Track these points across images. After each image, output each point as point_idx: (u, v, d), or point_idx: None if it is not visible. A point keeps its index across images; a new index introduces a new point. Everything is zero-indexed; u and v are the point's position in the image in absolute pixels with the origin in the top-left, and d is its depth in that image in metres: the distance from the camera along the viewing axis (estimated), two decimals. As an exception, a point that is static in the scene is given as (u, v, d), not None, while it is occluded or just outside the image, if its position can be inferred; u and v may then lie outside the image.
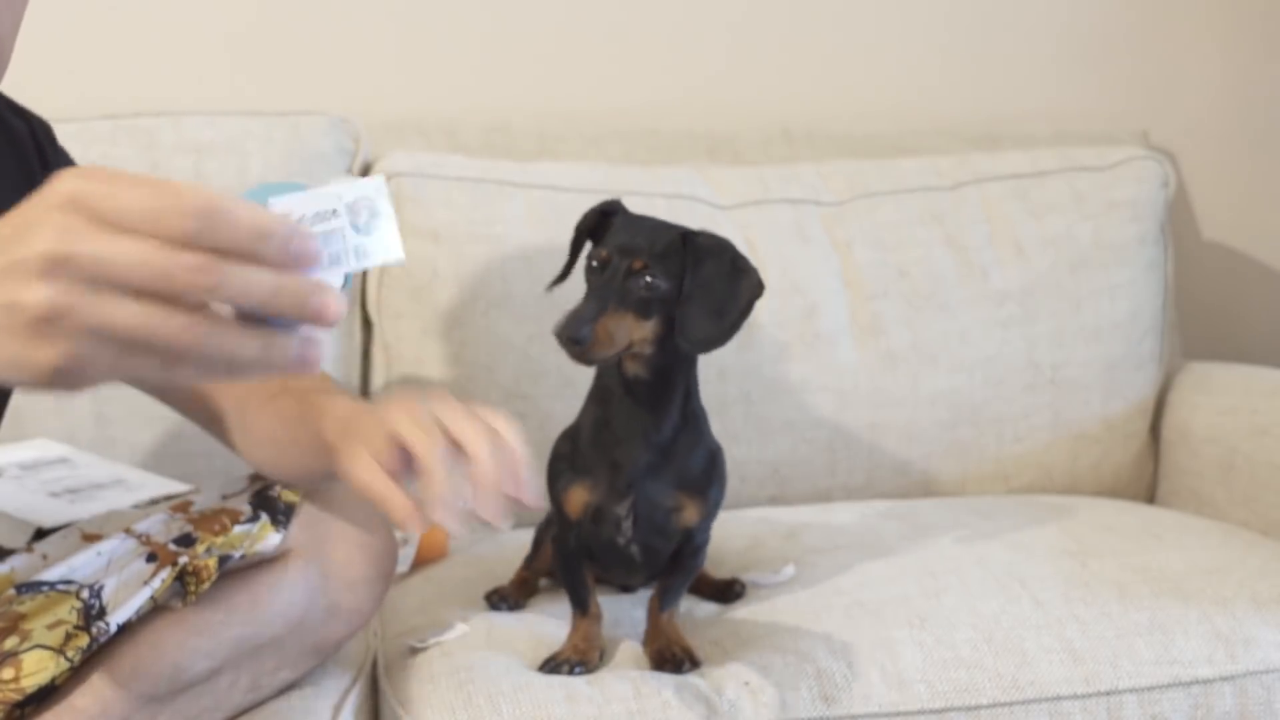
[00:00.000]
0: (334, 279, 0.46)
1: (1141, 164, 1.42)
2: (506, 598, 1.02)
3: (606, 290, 0.85)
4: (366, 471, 0.65)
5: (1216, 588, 0.99)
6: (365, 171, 1.34)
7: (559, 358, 1.27)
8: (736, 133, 1.50)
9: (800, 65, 1.58)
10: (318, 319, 0.42)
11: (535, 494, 0.64)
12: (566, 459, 0.93)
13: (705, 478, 0.92)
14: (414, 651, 0.94)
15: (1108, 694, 0.90)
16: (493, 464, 0.62)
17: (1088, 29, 1.63)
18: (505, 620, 0.99)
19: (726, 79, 1.56)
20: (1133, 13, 1.64)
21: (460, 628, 0.96)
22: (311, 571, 0.84)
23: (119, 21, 1.43)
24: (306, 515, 0.85)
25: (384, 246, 0.48)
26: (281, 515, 0.84)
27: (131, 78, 1.43)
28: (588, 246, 0.91)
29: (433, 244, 1.28)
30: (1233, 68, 1.67)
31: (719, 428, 0.97)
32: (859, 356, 1.33)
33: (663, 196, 1.33)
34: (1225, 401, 1.33)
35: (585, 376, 1.24)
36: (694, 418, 0.92)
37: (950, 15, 1.60)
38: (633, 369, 0.88)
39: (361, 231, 0.46)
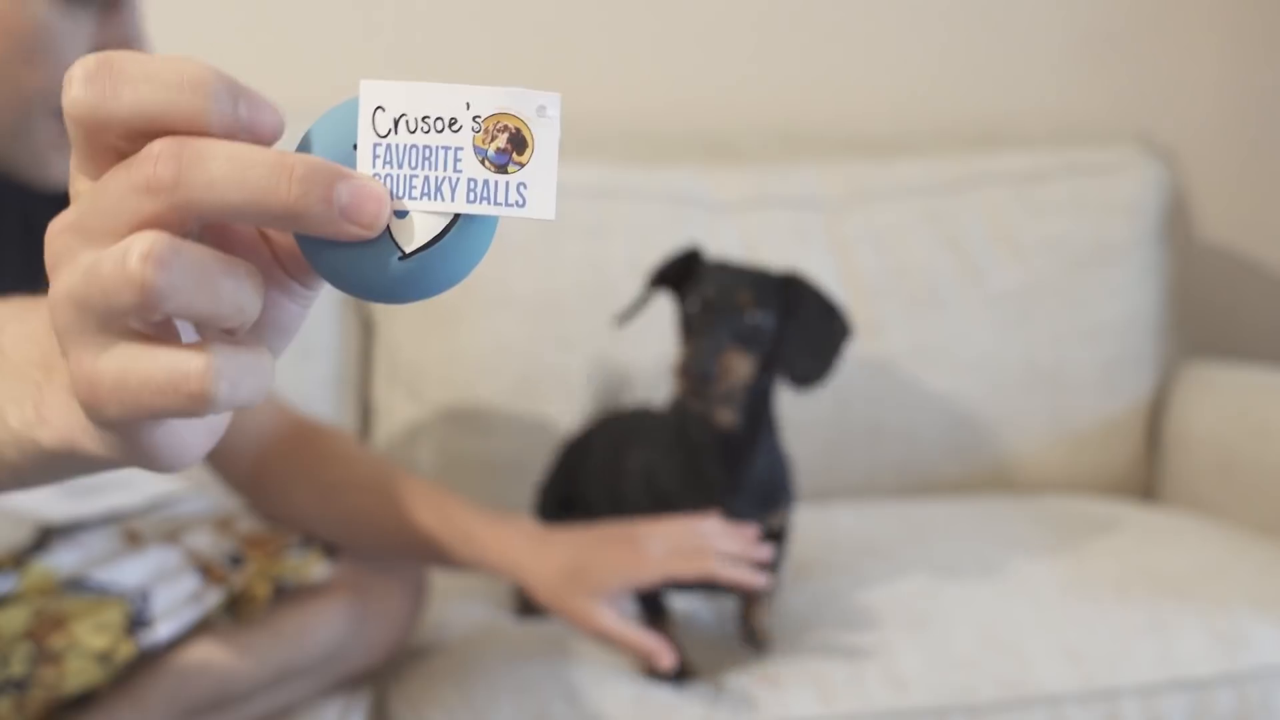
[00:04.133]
0: (427, 218, 0.31)
1: (1141, 164, 1.42)
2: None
3: (718, 328, 0.84)
4: (616, 624, 0.81)
5: (1216, 588, 0.99)
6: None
7: (559, 358, 1.28)
8: (736, 133, 1.50)
9: (800, 65, 1.58)
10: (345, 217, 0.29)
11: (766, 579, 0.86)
12: (647, 508, 0.91)
13: (787, 488, 0.94)
14: None
15: (1107, 694, 0.90)
16: (746, 576, 0.84)
17: (1087, 29, 1.63)
18: (508, 620, 0.99)
19: (726, 79, 1.56)
20: (1132, 13, 1.63)
21: None
22: (354, 604, 0.86)
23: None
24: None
25: (522, 191, 0.31)
26: (331, 546, 0.87)
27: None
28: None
29: (433, 244, 1.27)
30: (1233, 68, 1.67)
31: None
32: (858, 357, 1.33)
33: (663, 196, 1.33)
34: (1225, 401, 1.33)
35: (585, 378, 1.23)
36: (775, 444, 0.93)
37: (950, 15, 1.60)
38: (725, 417, 0.87)
39: (493, 162, 0.31)
